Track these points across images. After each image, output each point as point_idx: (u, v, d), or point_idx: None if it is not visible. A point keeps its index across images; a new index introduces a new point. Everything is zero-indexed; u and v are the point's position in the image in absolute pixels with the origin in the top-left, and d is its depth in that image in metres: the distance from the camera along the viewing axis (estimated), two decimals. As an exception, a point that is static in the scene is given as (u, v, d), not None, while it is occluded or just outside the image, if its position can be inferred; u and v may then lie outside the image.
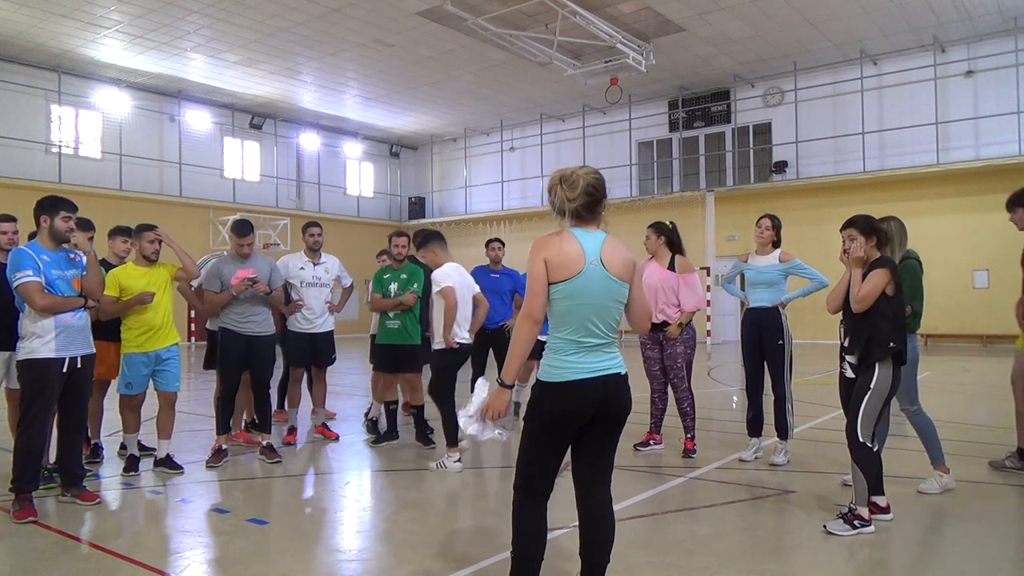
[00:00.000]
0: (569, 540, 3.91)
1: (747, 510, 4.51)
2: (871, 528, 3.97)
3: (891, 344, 4.04)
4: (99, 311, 5.18)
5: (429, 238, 5.86)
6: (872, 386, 4.06)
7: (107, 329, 5.40)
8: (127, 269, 5.37)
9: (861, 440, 4.05)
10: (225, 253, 6.61)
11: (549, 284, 2.77)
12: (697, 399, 8.50)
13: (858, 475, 4.03)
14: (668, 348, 6.03)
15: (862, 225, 4.25)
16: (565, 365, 2.79)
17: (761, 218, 5.84)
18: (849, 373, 4.27)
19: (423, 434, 6.43)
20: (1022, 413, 5.34)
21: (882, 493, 4.21)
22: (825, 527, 4.01)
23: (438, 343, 5.67)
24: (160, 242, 5.41)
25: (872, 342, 4.07)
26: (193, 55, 18.37)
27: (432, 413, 6.32)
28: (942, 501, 4.68)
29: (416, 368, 6.49)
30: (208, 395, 8.59)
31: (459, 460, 5.64)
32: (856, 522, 3.96)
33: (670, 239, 6.13)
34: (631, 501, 4.66)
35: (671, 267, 6.05)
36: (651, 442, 6.21)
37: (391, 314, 6.39)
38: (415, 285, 6.35)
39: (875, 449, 4.15)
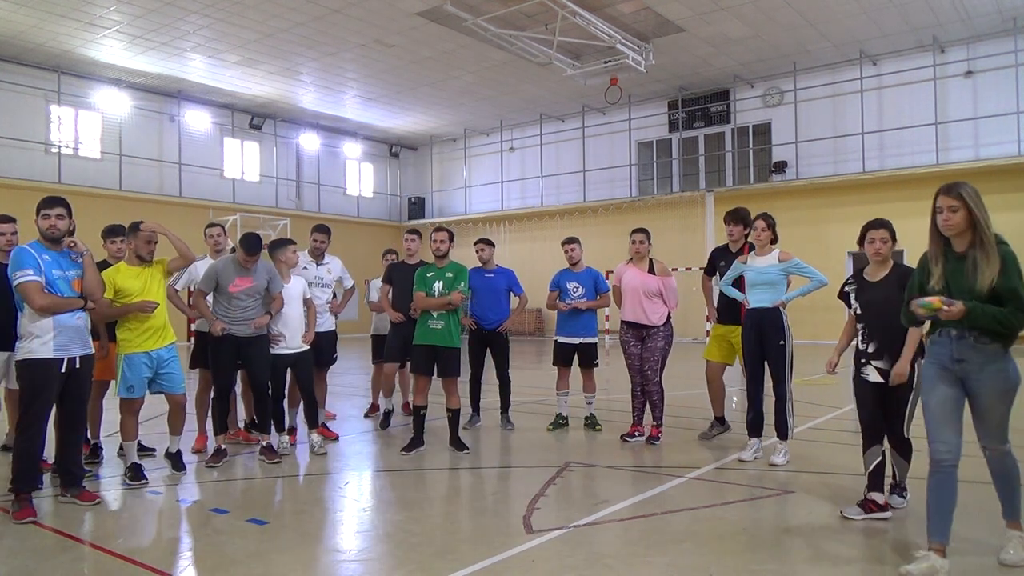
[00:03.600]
0: (567, 541, 3.92)
1: (747, 510, 4.51)
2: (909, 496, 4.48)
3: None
4: (99, 313, 5.14)
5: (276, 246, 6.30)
6: (914, 386, 4.24)
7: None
8: (121, 269, 5.22)
9: (907, 436, 4.39)
10: (207, 255, 6.58)
11: None
12: (696, 399, 8.53)
13: (899, 459, 4.46)
14: (648, 342, 6.45)
15: (890, 229, 4.56)
16: None
17: (756, 219, 5.84)
18: (875, 377, 4.33)
19: (457, 439, 6.26)
20: (715, 391, 6.60)
21: (881, 491, 4.31)
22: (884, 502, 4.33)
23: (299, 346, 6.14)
24: (154, 243, 5.34)
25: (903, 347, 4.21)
26: (193, 55, 18.38)
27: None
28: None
29: (457, 372, 6.19)
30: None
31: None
32: (903, 493, 4.49)
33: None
34: (631, 501, 4.66)
35: (650, 271, 6.53)
36: (636, 433, 6.54)
37: (434, 314, 6.11)
38: (462, 284, 6.13)
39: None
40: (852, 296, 4.52)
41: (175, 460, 5.46)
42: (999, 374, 3.40)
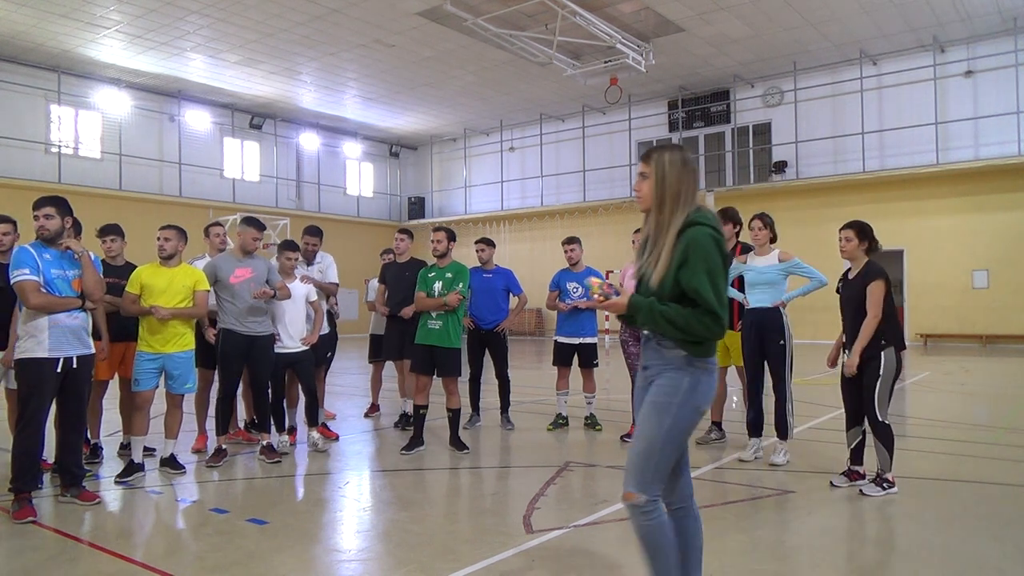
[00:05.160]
0: (567, 541, 3.92)
1: (747, 510, 4.51)
2: (895, 489, 4.69)
3: (882, 341, 4.72)
4: (121, 308, 5.38)
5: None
6: (880, 373, 4.69)
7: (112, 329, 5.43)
8: (150, 268, 5.39)
9: (881, 419, 4.69)
10: (206, 253, 6.61)
11: None
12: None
13: (881, 448, 4.69)
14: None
15: (859, 229, 4.91)
16: None
17: (752, 220, 5.86)
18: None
19: (456, 438, 6.27)
20: (718, 395, 6.35)
21: (861, 463, 4.95)
22: (861, 491, 4.69)
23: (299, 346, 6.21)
24: (171, 241, 5.40)
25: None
26: (193, 55, 18.38)
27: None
28: (946, 502, 4.68)
29: (456, 372, 6.20)
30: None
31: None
32: (884, 484, 4.70)
33: None
34: (631, 501, 4.65)
35: None
36: None
37: (433, 314, 6.11)
38: (460, 285, 6.11)
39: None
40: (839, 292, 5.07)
41: (171, 464, 5.47)
42: (669, 383, 2.60)
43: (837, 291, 5.07)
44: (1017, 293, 17.04)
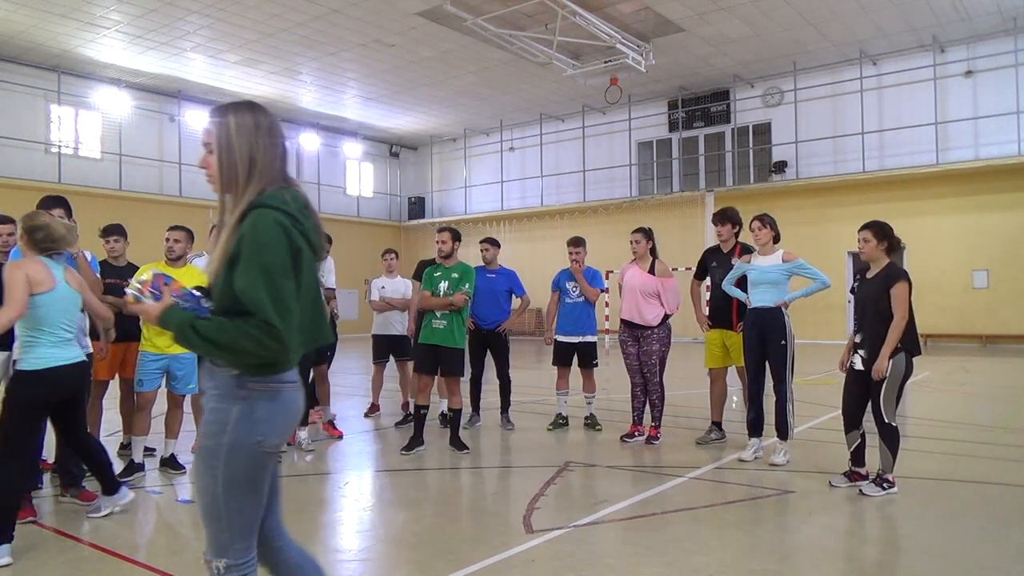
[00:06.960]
0: (567, 541, 3.92)
1: (747, 510, 4.51)
2: (895, 489, 4.69)
3: (897, 344, 4.65)
4: (125, 308, 5.31)
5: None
6: (887, 375, 4.65)
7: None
8: (159, 268, 5.38)
9: (887, 421, 4.69)
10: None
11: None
12: (695, 399, 8.52)
13: (884, 449, 4.71)
14: (643, 345, 6.47)
15: (877, 229, 4.85)
16: None
17: (752, 221, 5.86)
18: (859, 365, 4.83)
19: (457, 438, 6.25)
20: (718, 393, 6.49)
21: (862, 464, 4.92)
22: (861, 491, 4.69)
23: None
24: (180, 243, 5.43)
25: (882, 341, 4.64)
26: (193, 55, 18.37)
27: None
28: (946, 502, 4.68)
29: (459, 372, 6.20)
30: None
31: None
32: (884, 484, 4.70)
33: (654, 244, 6.63)
34: (631, 501, 4.66)
35: (651, 271, 6.52)
36: (636, 434, 6.56)
37: (438, 314, 6.09)
38: (467, 285, 6.11)
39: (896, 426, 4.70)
40: (854, 292, 4.99)
41: (171, 463, 5.48)
42: (213, 417, 2.02)
43: (852, 292, 5.03)
44: (1017, 293, 17.03)
